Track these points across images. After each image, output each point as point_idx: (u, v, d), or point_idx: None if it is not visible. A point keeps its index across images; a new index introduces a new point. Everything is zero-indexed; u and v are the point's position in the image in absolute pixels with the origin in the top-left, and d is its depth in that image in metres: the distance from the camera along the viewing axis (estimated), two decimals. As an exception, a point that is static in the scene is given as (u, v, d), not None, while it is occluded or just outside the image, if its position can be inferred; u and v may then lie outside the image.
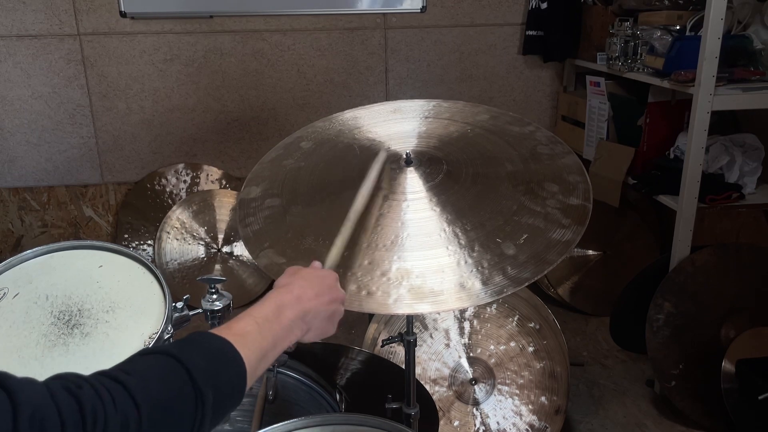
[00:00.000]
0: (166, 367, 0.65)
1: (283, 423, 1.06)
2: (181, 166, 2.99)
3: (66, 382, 0.59)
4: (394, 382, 1.40)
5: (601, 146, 2.59)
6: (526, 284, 0.94)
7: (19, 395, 0.55)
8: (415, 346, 1.30)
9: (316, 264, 0.93)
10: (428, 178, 1.11)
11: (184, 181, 2.98)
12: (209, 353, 0.69)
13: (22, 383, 0.57)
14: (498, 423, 1.91)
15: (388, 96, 3.00)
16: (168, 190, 2.97)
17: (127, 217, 2.96)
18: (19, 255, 1.21)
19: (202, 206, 2.93)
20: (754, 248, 2.16)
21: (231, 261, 2.91)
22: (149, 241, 2.92)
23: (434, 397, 1.83)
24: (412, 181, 1.11)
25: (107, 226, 3.03)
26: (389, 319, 1.93)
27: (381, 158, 1.13)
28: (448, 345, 1.95)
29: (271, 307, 0.80)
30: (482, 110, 1.31)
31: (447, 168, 1.13)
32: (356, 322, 2.70)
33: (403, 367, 1.33)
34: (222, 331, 0.73)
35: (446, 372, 1.94)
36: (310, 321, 0.83)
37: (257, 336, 0.75)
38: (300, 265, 0.92)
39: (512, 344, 1.95)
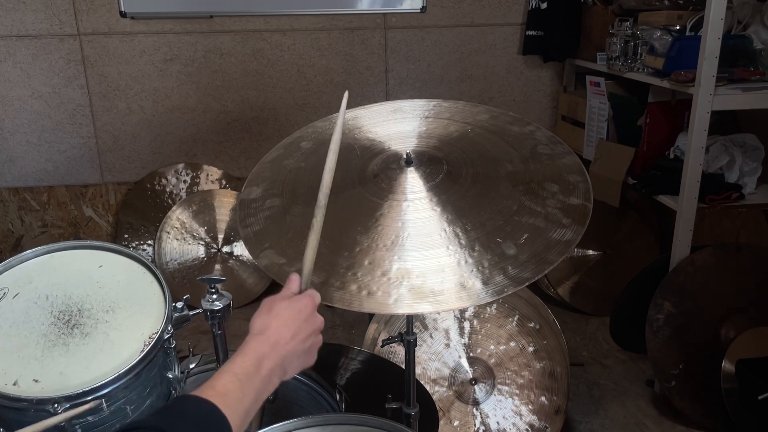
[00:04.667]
0: None
1: (283, 423, 1.06)
2: (181, 166, 2.99)
3: None
4: (394, 382, 1.40)
5: (601, 146, 2.59)
6: (527, 284, 0.94)
7: None
8: (415, 346, 1.30)
9: (293, 281, 0.91)
10: (428, 178, 1.11)
11: (184, 181, 2.98)
12: (195, 422, 0.69)
13: None
14: (498, 423, 1.91)
15: (388, 96, 3.00)
16: (168, 190, 2.97)
17: (127, 217, 2.96)
18: (19, 255, 1.21)
19: (202, 206, 2.93)
20: (754, 248, 2.16)
21: (231, 261, 2.91)
22: (149, 241, 2.92)
23: (434, 397, 1.83)
24: (412, 181, 1.11)
25: (107, 226, 3.03)
26: (389, 319, 1.93)
27: (339, 122, 1.00)
28: (448, 345, 1.95)
29: (251, 359, 0.80)
30: (482, 110, 1.31)
31: (447, 168, 1.13)
32: (356, 322, 2.70)
33: (403, 367, 1.33)
34: (205, 391, 0.73)
35: (446, 372, 1.93)
36: (287, 365, 0.84)
37: (239, 394, 0.75)
38: (287, 278, 0.91)
39: (512, 344, 1.95)
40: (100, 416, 1.02)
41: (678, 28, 2.25)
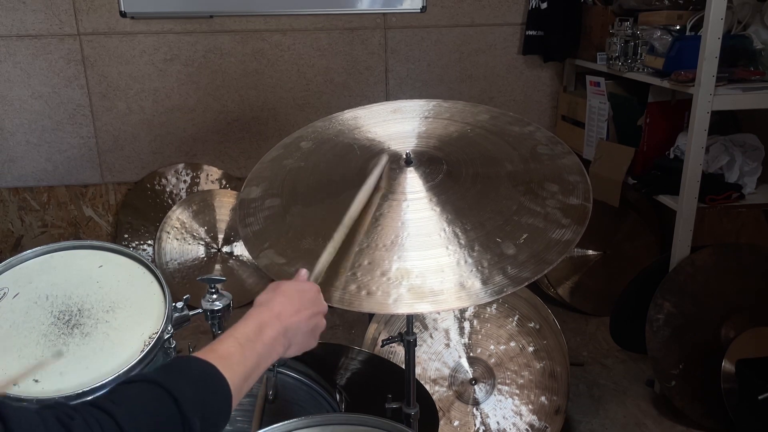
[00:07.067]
0: (153, 396, 0.66)
1: (283, 423, 1.06)
2: (181, 166, 2.99)
3: (57, 412, 0.61)
4: (394, 382, 1.40)
5: (601, 146, 2.59)
6: (526, 284, 0.94)
7: (13, 423, 0.57)
8: (415, 346, 1.30)
9: (302, 274, 0.92)
10: (428, 178, 1.11)
11: (184, 181, 2.98)
12: (195, 380, 0.70)
13: (17, 412, 0.58)
14: (498, 423, 1.91)
15: (388, 96, 3.00)
16: (168, 190, 2.97)
17: (127, 217, 2.96)
18: (19, 255, 1.21)
19: (202, 206, 2.93)
20: (754, 248, 2.16)
21: (231, 261, 2.91)
22: (149, 241, 2.92)
23: (434, 397, 1.83)
24: (412, 181, 1.11)
25: (107, 226, 3.03)
26: (389, 319, 1.93)
27: (382, 163, 1.12)
28: (448, 345, 1.95)
29: (252, 326, 0.80)
30: (482, 110, 1.31)
31: (447, 168, 1.13)
32: (356, 322, 2.70)
33: (403, 367, 1.33)
34: (206, 354, 0.74)
35: (446, 372, 1.94)
36: (291, 337, 0.84)
37: (240, 357, 0.76)
38: (287, 278, 0.92)
39: (512, 344, 1.95)
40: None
41: (678, 28, 2.25)
